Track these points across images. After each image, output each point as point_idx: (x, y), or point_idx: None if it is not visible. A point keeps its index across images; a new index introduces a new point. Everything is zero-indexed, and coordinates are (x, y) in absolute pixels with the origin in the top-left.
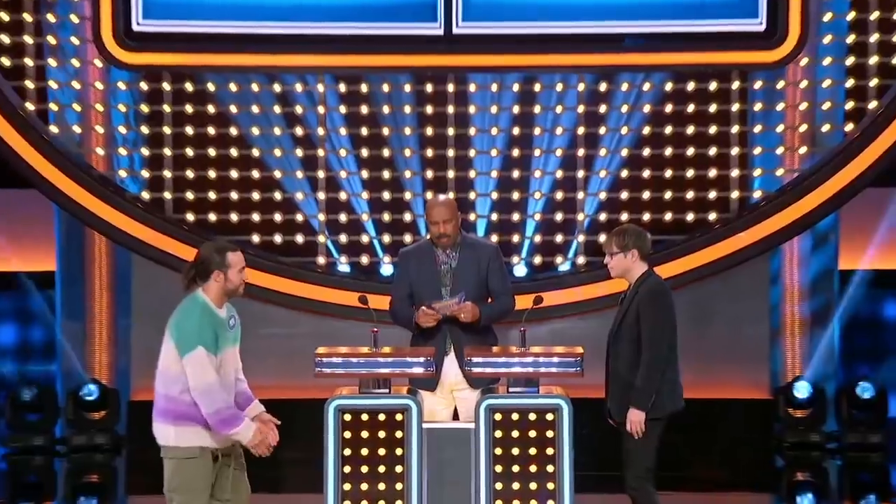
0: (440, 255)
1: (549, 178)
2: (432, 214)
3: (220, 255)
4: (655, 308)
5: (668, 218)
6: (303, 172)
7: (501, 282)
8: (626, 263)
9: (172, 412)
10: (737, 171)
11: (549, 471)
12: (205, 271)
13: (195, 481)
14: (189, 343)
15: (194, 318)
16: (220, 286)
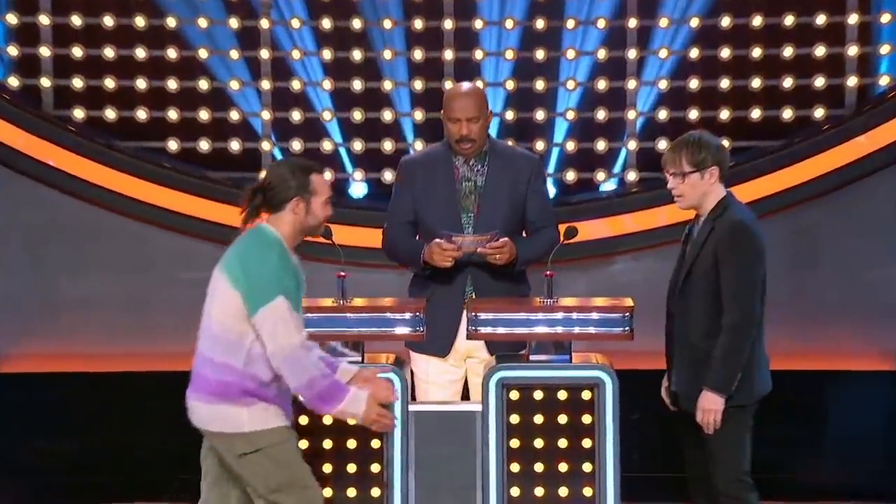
0: (460, 166)
1: (587, 59)
2: (452, 108)
3: (303, 176)
4: (742, 252)
5: (755, 116)
6: (239, 52)
7: (543, 210)
8: (703, 188)
9: (237, 389)
10: (854, 49)
11: (587, 471)
12: (278, 198)
13: (301, 468)
14: (265, 292)
15: (271, 258)
16: (297, 220)
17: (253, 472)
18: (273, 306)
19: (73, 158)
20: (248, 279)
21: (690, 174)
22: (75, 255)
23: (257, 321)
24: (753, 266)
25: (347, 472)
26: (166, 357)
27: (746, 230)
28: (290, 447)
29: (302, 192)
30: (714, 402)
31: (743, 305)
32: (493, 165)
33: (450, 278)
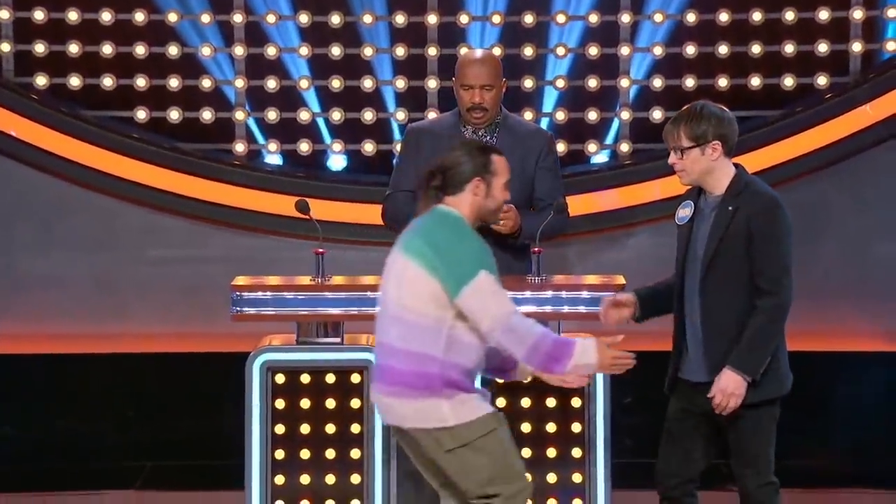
0: (469, 136)
1: (577, 24)
2: (466, 75)
3: (483, 156)
4: (782, 230)
5: (755, 83)
6: (210, 15)
7: (553, 187)
8: (705, 163)
9: (439, 380)
10: (860, 13)
11: (576, 456)
12: (458, 178)
13: (510, 455)
14: (466, 271)
15: (464, 236)
16: (477, 202)
17: (461, 468)
18: (477, 282)
19: (36, 128)
20: (445, 262)
21: (690, 149)
22: (38, 231)
23: (463, 301)
24: (790, 246)
25: (326, 458)
26: (135, 338)
27: (782, 208)
28: (496, 436)
29: (483, 173)
30: (738, 384)
31: (784, 287)
32: (502, 138)
33: None
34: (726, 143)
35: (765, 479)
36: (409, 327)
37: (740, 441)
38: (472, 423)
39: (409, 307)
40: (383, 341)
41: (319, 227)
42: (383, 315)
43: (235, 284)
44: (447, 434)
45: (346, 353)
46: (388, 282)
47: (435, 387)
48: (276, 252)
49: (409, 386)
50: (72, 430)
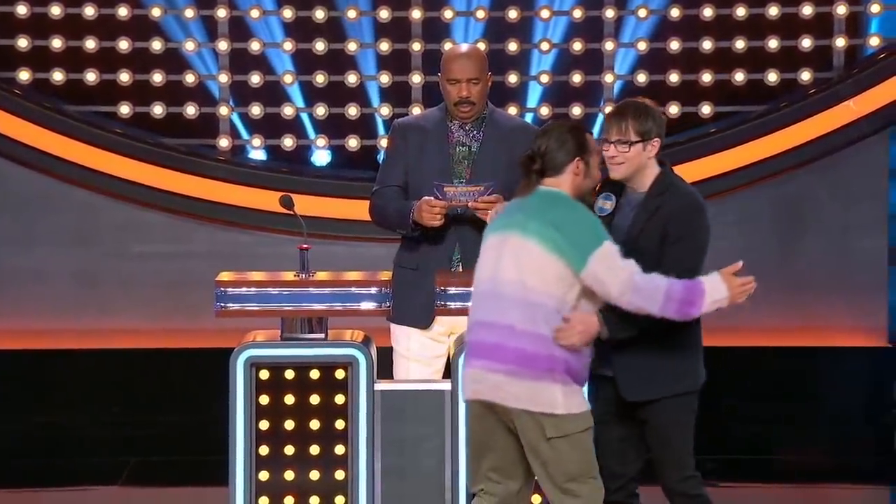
0: (455, 131)
1: (562, 19)
2: (452, 69)
3: (580, 136)
4: (696, 230)
5: (739, 79)
6: (194, 10)
7: None
8: (642, 159)
9: (561, 363)
10: (843, 8)
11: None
12: (559, 160)
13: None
14: (590, 242)
15: (581, 212)
16: (577, 182)
17: (556, 457)
18: (602, 251)
19: (18, 123)
20: (568, 238)
21: (635, 143)
22: (20, 226)
23: (590, 271)
24: (703, 250)
25: (310, 454)
26: (118, 334)
27: (698, 208)
28: (590, 434)
29: (582, 153)
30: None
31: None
32: (489, 132)
33: (437, 245)
34: (662, 140)
35: (686, 472)
36: (534, 309)
37: (660, 435)
38: (578, 416)
39: (534, 288)
40: (500, 322)
41: (304, 223)
42: (499, 296)
43: (219, 280)
44: (552, 421)
45: (330, 349)
46: (501, 262)
47: (556, 370)
48: (260, 247)
49: (528, 367)
50: (54, 426)
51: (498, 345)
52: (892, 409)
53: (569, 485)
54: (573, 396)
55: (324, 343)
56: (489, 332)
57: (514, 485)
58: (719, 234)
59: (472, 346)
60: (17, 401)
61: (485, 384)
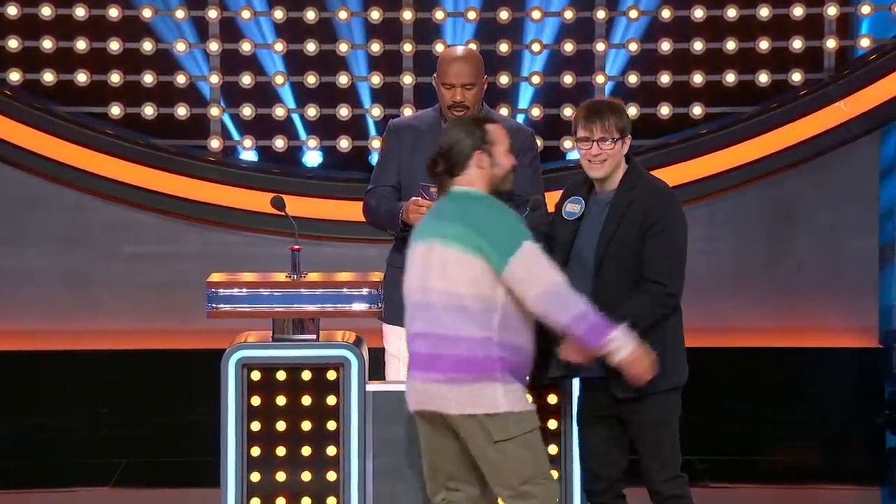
0: None
1: (553, 20)
2: (447, 73)
3: (477, 128)
4: (675, 223)
5: (730, 80)
6: (185, 11)
7: (531, 182)
8: (620, 155)
9: (498, 362)
10: (834, 9)
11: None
12: (460, 157)
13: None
14: (510, 242)
15: (500, 210)
16: (485, 174)
17: (505, 461)
18: (523, 252)
19: (9, 124)
20: (488, 239)
21: (617, 141)
22: (11, 227)
23: (510, 272)
24: (684, 242)
25: (302, 456)
26: (109, 335)
27: (674, 201)
28: (538, 434)
29: (482, 144)
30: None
31: (674, 280)
32: None
33: None
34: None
35: (672, 473)
36: (464, 313)
37: (646, 433)
38: (521, 415)
39: (462, 293)
40: (433, 331)
41: (295, 224)
42: (429, 306)
43: (211, 281)
44: (496, 424)
45: (321, 350)
46: (428, 273)
47: (494, 370)
48: (251, 248)
49: (466, 371)
50: (45, 427)
51: (434, 354)
52: (882, 409)
53: (523, 487)
54: (514, 395)
55: (315, 344)
56: (424, 342)
57: (473, 490)
58: (711, 235)
59: (412, 358)
60: (8, 402)
61: (426, 394)
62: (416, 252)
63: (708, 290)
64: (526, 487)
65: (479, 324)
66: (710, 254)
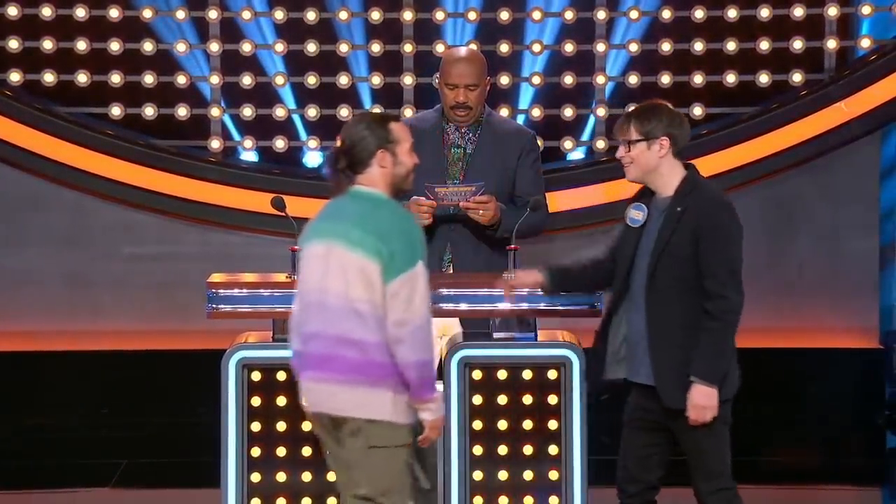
0: (451, 133)
1: (553, 21)
2: (450, 74)
3: (380, 127)
4: (730, 231)
5: (730, 80)
6: (186, 12)
7: (534, 184)
8: (650, 159)
9: (392, 369)
10: (834, 10)
11: (552, 453)
12: (363, 154)
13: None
14: (408, 258)
15: (404, 220)
16: (387, 174)
17: (372, 468)
18: (415, 272)
19: (9, 125)
20: (389, 246)
21: (637, 143)
22: (11, 228)
23: (393, 285)
24: (739, 248)
25: (303, 456)
26: (110, 335)
27: (731, 209)
28: (410, 450)
29: (385, 143)
30: (709, 396)
31: (731, 289)
32: (485, 135)
33: (427, 246)
34: (675, 143)
35: (718, 485)
36: (363, 318)
37: (693, 446)
38: (401, 427)
39: (361, 298)
40: (331, 332)
41: (295, 224)
42: (328, 307)
43: (211, 281)
44: (377, 429)
45: None
46: (328, 274)
47: (388, 377)
48: (251, 249)
49: (361, 374)
50: (45, 428)
51: (330, 355)
52: (883, 409)
53: (382, 499)
54: (401, 405)
55: None
56: (321, 343)
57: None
58: None
59: (306, 358)
60: (8, 402)
61: (321, 395)
62: (314, 251)
63: None
64: (382, 500)
65: (375, 329)
66: None
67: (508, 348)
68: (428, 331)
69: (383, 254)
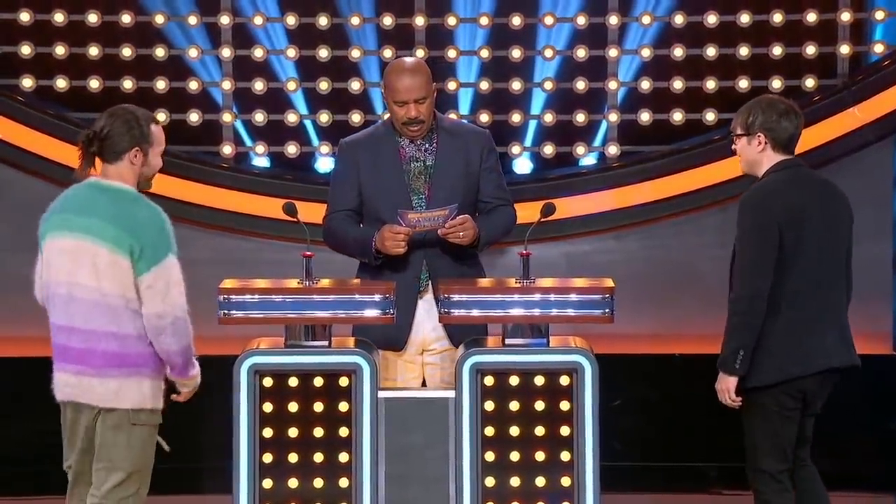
0: (406, 146)
1: (565, 26)
2: (397, 89)
3: (141, 126)
4: (742, 222)
5: (743, 85)
6: (198, 17)
7: (498, 186)
8: (752, 154)
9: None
10: (848, 14)
11: (564, 460)
12: (117, 147)
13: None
14: (159, 250)
15: (156, 214)
16: (136, 170)
17: (127, 446)
18: (168, 264)
19: (21, 130)
20: (141, 241)
21: (740, 137)
22: (23, 233)
23: (147, 279)
24: (749, 238)
25: (314, 462)
26: None
27: (749, 199)
28: (153, 434)
29: (142, 143)
30: (722, 380)
31: (739, 281)
32: (442, 143)
33: (404, 265)
34: (773, 138)
35: (754, 465)
36: (115, 311)
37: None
38: (156, 410)
39: (113, 292)
40: (84, 327)
41: (307, 230)
42: (78, 301)
43: (223, 287)
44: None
45: (334, 357)
46: (79, 269)
47: (143, 365)
48: (263, 254)
49: (117, 366)
50: (50, 435)
51: (86, 349)
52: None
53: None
54: (158, 392)
55: (327, 350)
56: (75, 336)
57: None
58: (724, 241)
59: (60, 350)
60: (13, 408)
61: (78, 387)
62: (62, 245)
63: (719, 296)
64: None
65: (129, 322)
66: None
67: (520, 354)
68: (186, 318)
69: (135, 248)
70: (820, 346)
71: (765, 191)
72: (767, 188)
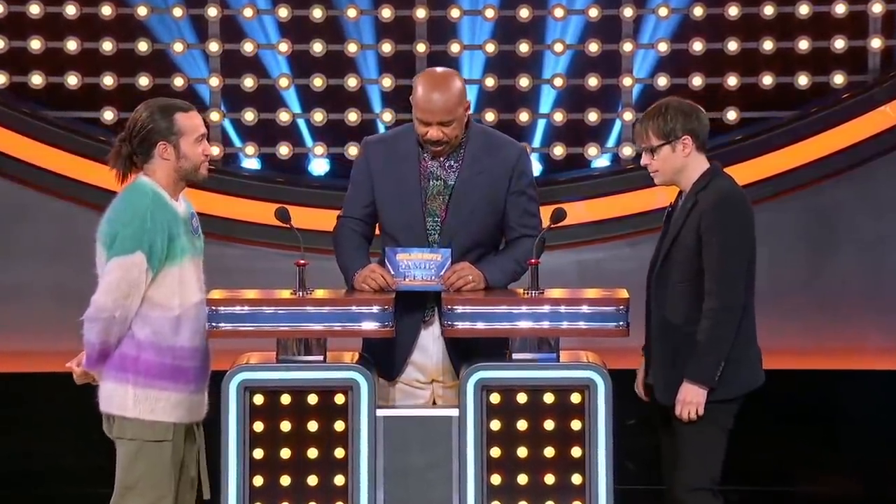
0: (429, 161)
1: (577, 19)
2: (420, 108)
3: (165, 118)
4: (727, 226)
5: (767, 82)
6: (183, 9)
7: (525, 212)
8: (675, 161)
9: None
10: (879, 6)
11: (576, 483)
12: (143, 144)
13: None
14: (125, 243)
15: (138, 209)
16: (169, 165)
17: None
18: (126, 260)
19: None
20: (114, 229)
21: (660, 147)
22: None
23: (109, 266)
24: (741, 243)
25: (308, 485)
26: None
27: (731, 202)
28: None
29: (167, 136)
30: (695, 394)
31: (727, 288)
32: (468, 161)
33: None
34: (697, 138)
35: (697, 484)
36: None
37: (679, 442)
38: (151, 424)
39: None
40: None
41: (300, 237)
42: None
43: (210, 298)
44: (122, 424)
45: (329, 372)
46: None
47: (127, 369)
48: (253, 263)
49: (112, 367)
50: (31, 455)
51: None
52: None
53: (126, 495)
54: (147, 402)
55: (322, 366)
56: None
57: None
58: None
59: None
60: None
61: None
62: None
63: None
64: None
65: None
66: None
67: (528, 370)
68: (120, 321)
69: (109, 236)
70: (758, 358)
71: (737, 195)
72: (736, 191)
